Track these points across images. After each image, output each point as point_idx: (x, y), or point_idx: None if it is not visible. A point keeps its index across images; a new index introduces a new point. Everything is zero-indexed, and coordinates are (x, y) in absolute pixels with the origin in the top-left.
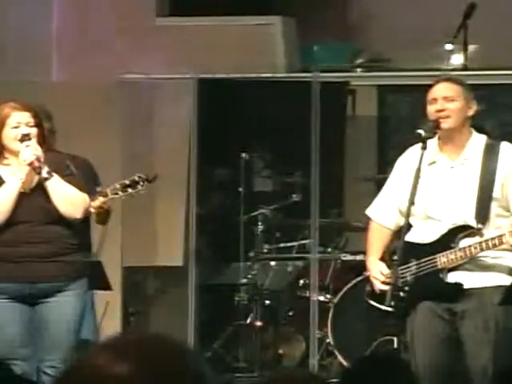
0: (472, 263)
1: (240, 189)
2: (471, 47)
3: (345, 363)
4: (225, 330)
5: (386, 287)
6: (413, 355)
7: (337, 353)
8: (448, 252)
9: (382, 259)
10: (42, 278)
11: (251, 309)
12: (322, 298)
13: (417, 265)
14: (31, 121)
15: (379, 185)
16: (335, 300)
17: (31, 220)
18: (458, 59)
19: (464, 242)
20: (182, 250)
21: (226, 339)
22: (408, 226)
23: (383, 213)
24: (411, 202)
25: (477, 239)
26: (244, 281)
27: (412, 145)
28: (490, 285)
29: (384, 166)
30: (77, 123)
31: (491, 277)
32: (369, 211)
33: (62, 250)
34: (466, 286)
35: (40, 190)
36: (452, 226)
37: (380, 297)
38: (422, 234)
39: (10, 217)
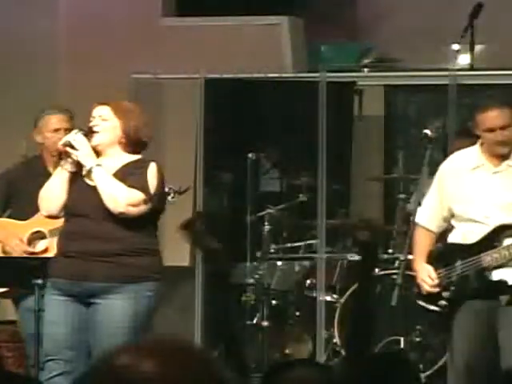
0: None
1: (247, 189)
2: (478, 47)
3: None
4: (231, 330)
5: (435, 290)
6: (457, 354)
7: (344, 353)
8: (492, 251)
9: (428, 261)
10: (88, 277)
11: (258, 309)
12: (328, 298)
13: (462, 265)
14: (104, 114)
15: (386, 185)
16: (342, 300)
17: (87, 214)
18: (464, 59)
19: (508, 241)
20: (189, 250)
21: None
22: (450, 228)
23: (428, 217)
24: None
25: None
26: (251, 281)
27: (419, 145)
28: None
29: (391, 166)
30: (85, 123)
31: None
32: (417, 218)
33: (116, 250)
34: (511, 283)
35: None
36: (495, 226)
37: (428, 297)
38: (465, 235)
39: (70, 209)
